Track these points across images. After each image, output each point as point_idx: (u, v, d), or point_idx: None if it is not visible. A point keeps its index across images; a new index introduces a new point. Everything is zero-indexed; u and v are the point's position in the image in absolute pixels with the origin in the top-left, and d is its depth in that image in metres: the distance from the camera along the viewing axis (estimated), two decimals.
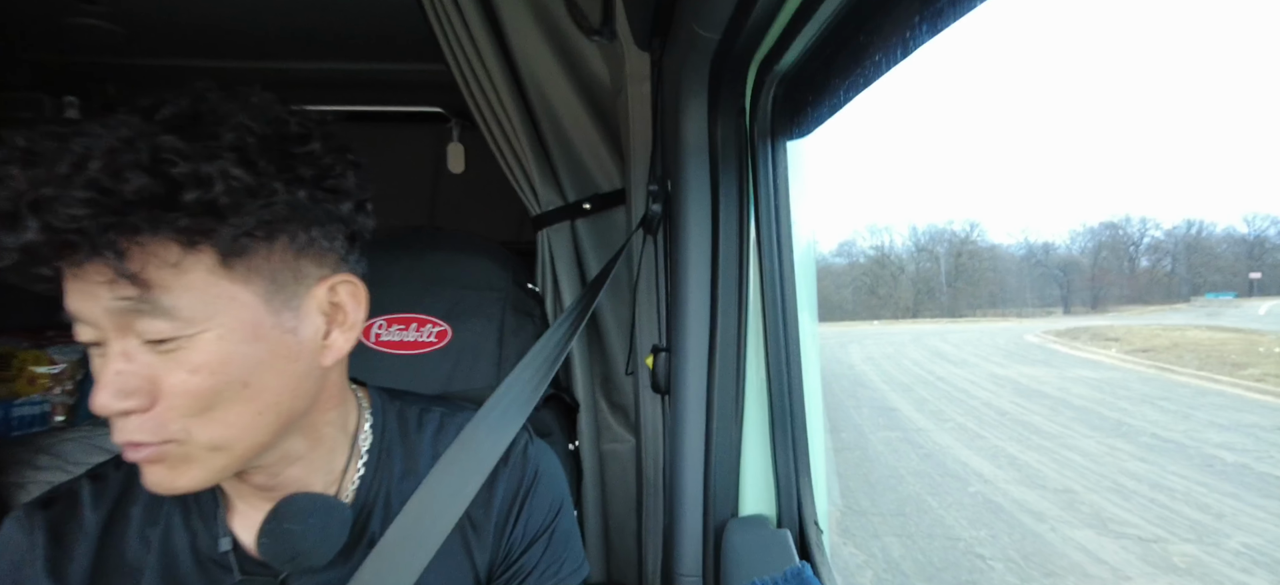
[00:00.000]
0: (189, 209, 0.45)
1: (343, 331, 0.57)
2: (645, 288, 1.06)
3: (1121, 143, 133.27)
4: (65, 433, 1.41)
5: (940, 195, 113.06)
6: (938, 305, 64.03)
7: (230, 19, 1.36)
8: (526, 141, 1.11)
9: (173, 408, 0.49)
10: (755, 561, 0.84)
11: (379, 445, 0.65)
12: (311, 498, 0.59)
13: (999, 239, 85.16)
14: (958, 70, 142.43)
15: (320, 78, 1.65)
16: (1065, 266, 66.78)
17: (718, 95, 0.87)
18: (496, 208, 1.85)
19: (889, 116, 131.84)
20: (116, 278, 0.45)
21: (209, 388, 0.49)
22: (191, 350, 0.49)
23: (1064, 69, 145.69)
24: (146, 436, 0.49)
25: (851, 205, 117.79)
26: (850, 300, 64.88)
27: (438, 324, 1.06)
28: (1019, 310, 57.83)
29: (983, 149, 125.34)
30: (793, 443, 0.91)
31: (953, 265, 67.21)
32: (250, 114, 0.49)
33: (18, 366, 1.55)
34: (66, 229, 0.43)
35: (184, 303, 0.48)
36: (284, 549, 0.57)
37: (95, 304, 0.47)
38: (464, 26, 1.08)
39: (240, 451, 0.53)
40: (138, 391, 0.48)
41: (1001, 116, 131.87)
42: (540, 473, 0.71)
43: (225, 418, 0.51)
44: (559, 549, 0.71)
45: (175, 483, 0.51)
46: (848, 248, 70.61)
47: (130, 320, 0.47)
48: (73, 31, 1.38)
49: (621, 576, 1.17)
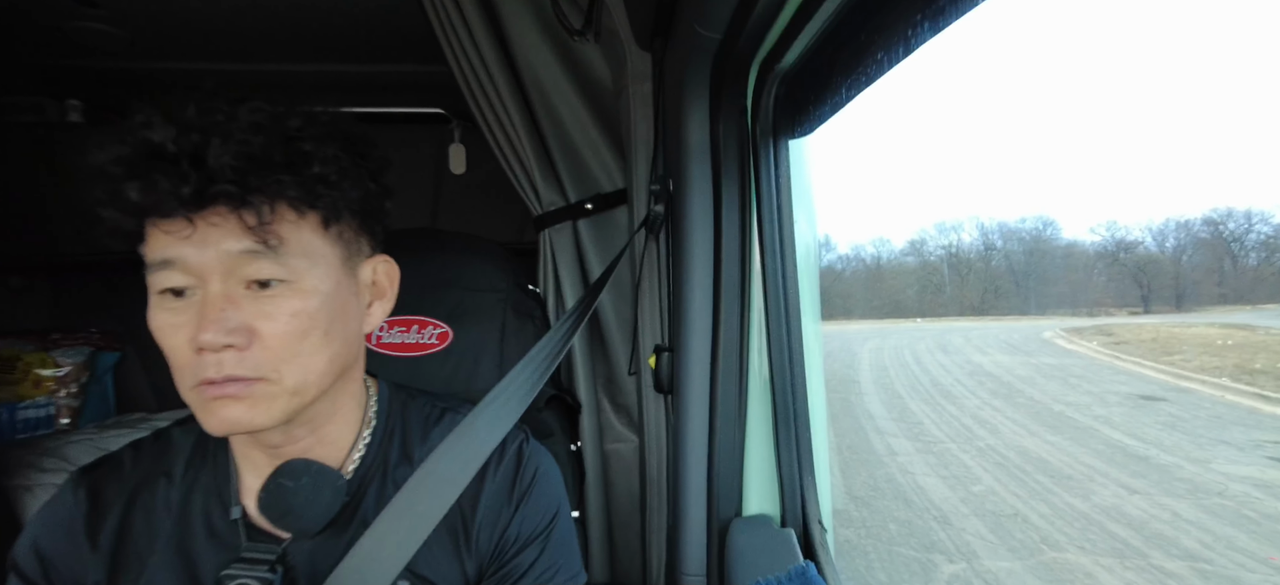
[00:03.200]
0: (313, 176, 0.56)
1: (381, 304, 0.67)
2: (648, 288, 1.06)
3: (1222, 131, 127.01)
4: (70, 435, 1.42)
5: (1011, 192, 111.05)
6: (1006, 304, 62.82)
7: (231, 22, 1.36)
8: (528, 142, 1.11)
9: (269, 348, 0.56)
10: (759, 561, 0.84)
11: (382, 429, 0.70)
12: (307, 462, 0.64)
13: (1075, 236, 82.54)
14: (1029, 60, 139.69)
15: (322, 79, 1.65)
16: (1145, 264, 64.22)
17: (720, 94, 0.87)
18: (498, 208, 1.85)
19: (961, 111, 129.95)
20: (244, 226, 0.54)
21: (302, 330, 0.57)
22: (292, 296, 0.57)
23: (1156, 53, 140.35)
24: (244, 371, 0.55)
25: (921, 203, 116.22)
26: (914, 299, 64.29)
27: (439, 326, 1.06)
28: (1091, 310, 56.44)
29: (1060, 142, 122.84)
30: (796, 442, 0.91)
31: (1023, 264, 66.23)
32: (331, 115, 0.61)
33: (23, 369, 1.56)
34: (230, 177, 0.52)
35: (295, 253, 0.57)
36: (278, 503, 0.62)
37: (210, 250, 0.54)
38: (465, 27, 1.08)
39: (308, 397, 0.60)
40: (240, 330, 0.55)
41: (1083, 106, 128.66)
42: (539, 473, 0.73)
43: (307, 362, 0.58)
44: (555, 554, 0.71)
45: (253, 420, 0.57)
46: (919, 246, 69.96)
47: (244, 264, 0.55)
48: (75, 35, 1.38)
49: (625, 576, 1.17)
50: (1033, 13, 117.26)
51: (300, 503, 0.62)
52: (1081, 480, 5.99)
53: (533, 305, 1.14)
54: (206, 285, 0.55)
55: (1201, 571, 4.07)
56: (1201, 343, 17.00)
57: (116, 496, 0.65)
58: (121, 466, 0.67)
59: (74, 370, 1.60)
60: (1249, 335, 18.59)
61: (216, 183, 0.52)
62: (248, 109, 0.55)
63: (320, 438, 0.65)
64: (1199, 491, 5.63)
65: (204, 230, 0.54)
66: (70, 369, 1.60)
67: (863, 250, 74.19)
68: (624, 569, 1.17)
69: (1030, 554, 4.33)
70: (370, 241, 0.66)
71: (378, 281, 0.67)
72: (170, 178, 0.51)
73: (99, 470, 0.67)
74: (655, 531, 1.07)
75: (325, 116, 0.59)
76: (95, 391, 1.67)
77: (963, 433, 8.13)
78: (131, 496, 0.66)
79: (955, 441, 7.65)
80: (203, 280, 0.55)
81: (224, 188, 0.52)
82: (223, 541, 0.64)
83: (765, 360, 0.91)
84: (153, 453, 0.68)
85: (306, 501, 0.62)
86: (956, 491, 5.78)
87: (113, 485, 0.66)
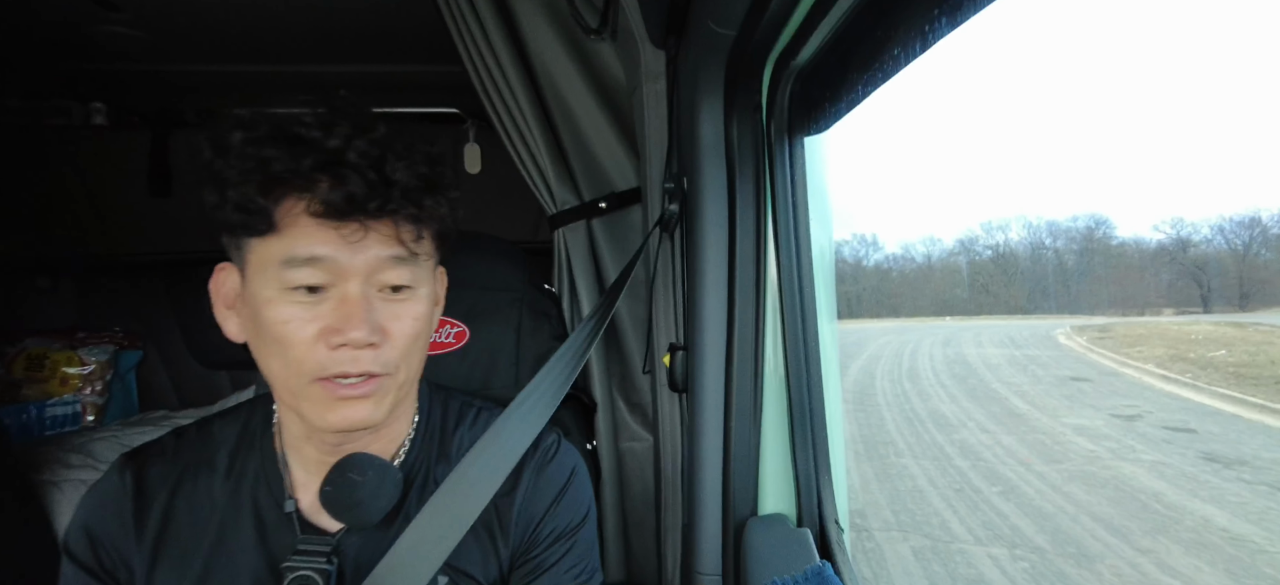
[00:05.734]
0: (452, 200, 0.63)
1: (438, 311, 0.71)
2: (662, 286, 1.06)
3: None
4: (95, 432, 1.45)
5: (1063, 190, 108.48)
6: (1052, 303, 61.91)
7: (249, 23, 1.38)
8: (542, 141, 1.11)
9: (397, 347, 0.61)
10: (775, 560, 0.83)
11: (424, 428, 0.73)
12: (370, 457, 0.66)
13: (1136, 233, 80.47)
14: (1083, 51, 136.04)
15: (338, 80, 1.67)
16: (1205, 263, 62.32)
17: (734, 92, 0.86)
18: (513, 207, 1.85)
19: (1020, 109, 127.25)
20: (397, 236, 0.60)
21: (419, 332, 0.63)
22: (416, 301, 0.63)
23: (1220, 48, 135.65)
24: (378, 368, 0.60)
25: (971, 202, 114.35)
26: (960, 298, 63.75)
27: (456, 325, 1.07)
28: (1140, 309, 55.46)
29: (1118, 138, 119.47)
30: (812, 442, 0.91)
31: (1073, 263, 65.19)
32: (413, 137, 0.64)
33: (51, 367, 1.59)
34: (412, 197, 0.59)
35: (425, 263, 0.64)
36: (345, 497, 0.64)
37: (361, 254, 0.58)
38: (480, 27, 1.09)
39: (406, 393, 0.65)
40: (380, 329, 0.60)
41: (1141, 105, 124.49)
42: (575, 474, 0.76)
43: (416, 361, 0.64)
44: (580, 551, 0.74)
45: (374, 416, 0.61)
46: (970, 244, 69.40)
47: (386, 270, 0.60)
48: (99, 39, 1.40)
49: (640, 575, 1.17)
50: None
51: (367, 496, 0.65)
52: (956, 426, 8.25)
53: (549, 304, 1.15)
54: (346, 284, 0.58)
55: (976, 465, 6.45)
56: (1174, 338, 18.31)
57: (160, 485, 0.67)
58: (165, 453, 0.69)
59: (98, 368, 1.63)
60: (1234, 331, 19.59)
61: (394, 199, 0.58)
62: (393, 132, 0.60)
63: (378, 434, 0.68)
64: (1033, 431, 7.89)
65: (357, 233, 0.58)
66: (95, 367, 1.63)
67: (913, 248, 73.62)
68: (639, 568, 1.17)
69: (881, 460, 6.74)
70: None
71: (438, 290, 0.71)
72: (362, 186, 0.56)
73: (143, 455, 0.69)
74: (670, 530, 1.07)
75: (440, 147, 0.65)
76: (118, 389, 1.70)
77: (899, 398, 10.25)
78: (175, 485, 0.67)
79: (889, 405, 9.66)
80: (343, 279, 0.58)
81: (403, 204, 0.58)
82: (275, 534, 0.66)
83: (781, 359, 0.91)
84: (196, 442, 0.70)
85: (372, 495, 0.65)
86: (863, 431, 7.95)
87: (157, 471, 0.68)
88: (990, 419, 8.64)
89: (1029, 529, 4.78)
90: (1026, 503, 5.35)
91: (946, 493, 5.67)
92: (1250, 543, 4.41)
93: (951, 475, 6.17)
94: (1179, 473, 6.07)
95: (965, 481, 5.95)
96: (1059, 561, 4.18)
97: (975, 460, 6.62)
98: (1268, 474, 5.91)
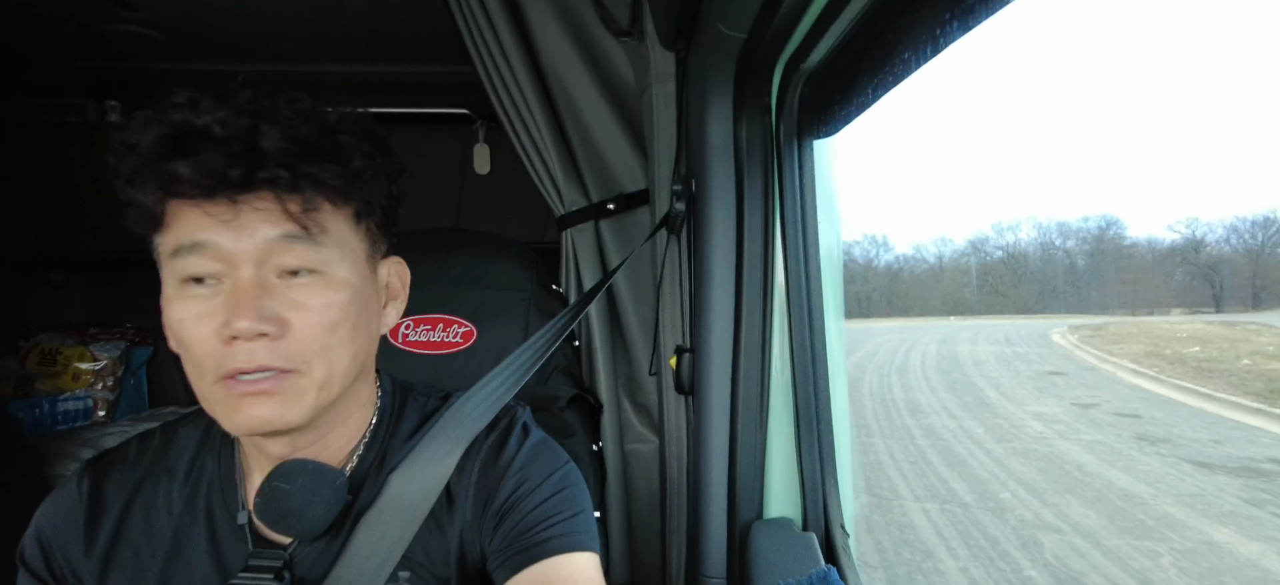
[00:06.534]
0: (354, 169, 0.57)
1: (394, 306, 0.67)
2: (669, 288, 1.06)
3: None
4: (107, 427, 1.46)
5: (1075, 191, 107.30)
6: (1061, 303, 61.74)
7: (262, 23, 1.39)
8: (551, 142, 1.12)
9: (300, 339, 0.55)
10: (781, 564, 0.83)
11: (381, 425, 0.67)
12: (304, 462, 0.61)
13: (1143, 235, 79.82)
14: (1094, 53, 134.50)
15: (350, 80, 1.68)
16: (1216, 264, 61.86)
17: (743, 94, 0.86)
18: (522, 208, 1.86)
19: (1033, 110, 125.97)
20: (285, 212, 0.54)
21: (332, 322, 0.57)
22: (324, 287, 0.56)
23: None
24: (279, 362, 0.54)
25: (983, 203, 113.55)
26: (970, 298, 63.50)
27: (463, 324, 1.07)
28: (1150, 309, 55.07)
29: (1131, 138, 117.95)
30: (819, 445, 0.90)
31: (1084, 264, 64.75)
32: (359, 113, 0.61)
33: (63, 362, 1.61)
34: (282, 161, 0.52)
35: (330, 243, 0.57)
36: (274, 507, 0.59)
37: (246, 237, 0.53)
38: (490, 28, 1.09)
39: (333, 393, 0.58)
40: (274, 318, 0.54)
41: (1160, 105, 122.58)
42: (533, 439, 0.69)
43: (334, 356, 0.57)
44: (557, 507, 0.65)
45: (283, 417, 0.56)
46: (981, 244, 69.38)
47: (279, 252, 0.54)
48: (113, 38, 1.42)
49: (645, 577, 1.17)
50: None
51: (297, 505, 0.59)
52: (928, 412, 8.90)
53: (556, 304, 1.15)
54: (237, 272, 0.53)
55: (935, 444, 7.19)
56: (1158, 336, 18.96)
57: (117, 494, 0.65)
58: (125, 460, 0.67)
59: (110, 364, 1.65)
60: (1221, 330, 20.13)
61: (266, 167, 0.52)
62: (287, 99, 0.55)
63: (333, 437, 0.64)
64: (996, 417, 8.64)
65: (245, 214, 0.53)
66: (106, 362, 1.64)
67: (925, 249, 73.43)
68: (644, 569, 1.17)
69: (853, 440, 6.55)
70: (387, 242, 0.66)
71: (391, 283, 0.67)
72: (222, 157, 0.51)
73: (103, 462, 0.66)
74: (675, 532, 1.07)
75: (355, 114, 0.60)
76: (129, 385, 1.72)
77: (883, 389, 10.83)
78: (132, 494, 0.65)
79: (872, 395, 10.28)
80: (233, 267, 0.53)
81: (276, 172, 0.52)
82: (227, 547, 0.63)
83: (787, 362, 0.91)
84: (159, 447, 0.67)
85: (304, 503, 0.60)
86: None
87: (115, 480, 0.65)
88: (960, 407, 9.37)
89: (962, 490, 5.66)
90: (968, 472, 6.17)
91: (902, 465, 6.45)
92: (1138, 498, 5.38)
93: (910, 451, 6.92)
94: (1108, 449, 6.94)
95: (920, 456, 6.75)
96: (978, 513, 5.13)
97: (935, 440, 7.44)
98: (1183, 449, 6.85)
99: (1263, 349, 14.28)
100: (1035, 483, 5.78)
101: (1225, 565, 4.13)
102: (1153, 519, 4.89)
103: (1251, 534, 4.54)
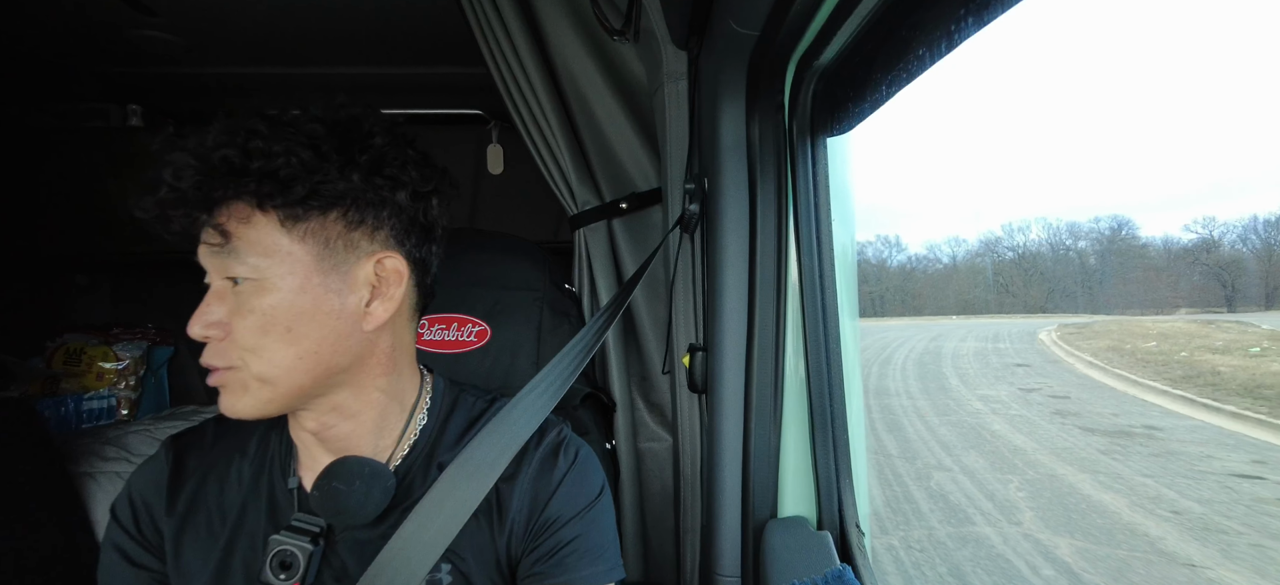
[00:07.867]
0: (255, 176, 0.58)
1: (382, 303, 0.66)
2: (682, 287, 1.06)
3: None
4: (129, 426, 1.49)
5: (1086, 190, 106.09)
6: (1071, 302, 61.13)
7: (279, 27, 1.41)
8: (564, 142, 1.12)
9: (235, 340, 0.61)
10: (796, 563, 0.83)
11: (433, 424, 0.73)
12: (362, 462, 0.67)
13: (1165, 233, 78.90)
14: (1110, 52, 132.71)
15: (364, 82, 1.70)
16: (1228, 264, 61.02)
17: (756, 92, 0.86)
18: (535, 208, 1.87)
19: (1046, 110, 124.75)
20: (212, 229, 0.60)
21: (263, 326, 0.61)
22: (259, 293, 0.61)
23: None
24: (216, 361, 0.62)
25: (995, 203, 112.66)
26: (980, 297, 63.10)
27: (478, 324, 1.08)
28: (1158, 309, 54.28)
29: (1142, 139, 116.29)
30: (833, 444, 0.90)
31: (1095, 264, 64.07)
32: (329, 111, 0.63)
33: (88, 361, 1.64)
34: (182, 188, 0.58)
35: (253, 251, 0.60)
36: (330, 504, 0.66)
37: (205, 250, 0.61)
38: (503, 29, 1.10)
39: (284, 388, 0.63)
40: (217, 323, 0.61)
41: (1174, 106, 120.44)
42: (581, 456, 0.74)
43: (270, 355, 0.62)
44: (597, 534, 0.72)
45: (234, 407, 0.63)
46: (993, 245, 69.07)
47: (223, 263, 0.61)
48: (136, 43, 1.45)
49: (659, 575, 1.17)
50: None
51: (354, 504, 0.66)
52: (890, 395, 10.13)
53: (569, 304, 1.15)
54: (212, 282, 0.62)
55: (885, 417, 8.31)
56: (1126, 333, 20.00)
57: (196, 466, 0.72)
58: (204, 439, 0.74)
59: (132, 363, 1.68)
60: (1195, 327, 20.87)
61: (187, 197, 0.59)
62: (219, 127, 0.60)
63: (358, 425, 0.68)
64: (947, 398, 9.73)
65: (207, 235, 0.61)
66: (129, 362, 1.67)
67: (939, 249, 73.09)
68: (658, 567, 1.17)
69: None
70: (372, 238, 0.65)
71: (385, 279, 0.66)
72: (174, 198, 0.59)
73: (184, 440, 0.74)
74: (689, 531, 1.07)
75: (310, 116, 0.62)
76: (151, 384, 1.75)
77: (861, 376, 11.47)
78: (209, 468, 0.72)
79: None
80: (211, 277, 0.63)
81: (194, 197, 0.59)
82: (281, 511, 0.69)
83: (801, 361, 0.90)
84: (234, 429, 0.74)
85: (359, 503, 0.66)
86: None
87: (195, 455, 0.73)
88: (921, 392, 10.51)
89: (892, 447, 6.93)
90: (902, 436, 7.43)
91: None
92: (1021, 450, 6.74)
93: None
94: (1026, 421, 8.15)
95: (869, 424, 7.43)
96: (897, 462, 6.39)
97: (887, 414, 8.54)
98: (1083, 421, 8.12)
99: (1208, 344, 15.34)
100: (951, 442, 7.13)
101: (1054, 489, 5.50)
102: (1023, 463, 6.27)
103: (1084, 469, 6.03)
